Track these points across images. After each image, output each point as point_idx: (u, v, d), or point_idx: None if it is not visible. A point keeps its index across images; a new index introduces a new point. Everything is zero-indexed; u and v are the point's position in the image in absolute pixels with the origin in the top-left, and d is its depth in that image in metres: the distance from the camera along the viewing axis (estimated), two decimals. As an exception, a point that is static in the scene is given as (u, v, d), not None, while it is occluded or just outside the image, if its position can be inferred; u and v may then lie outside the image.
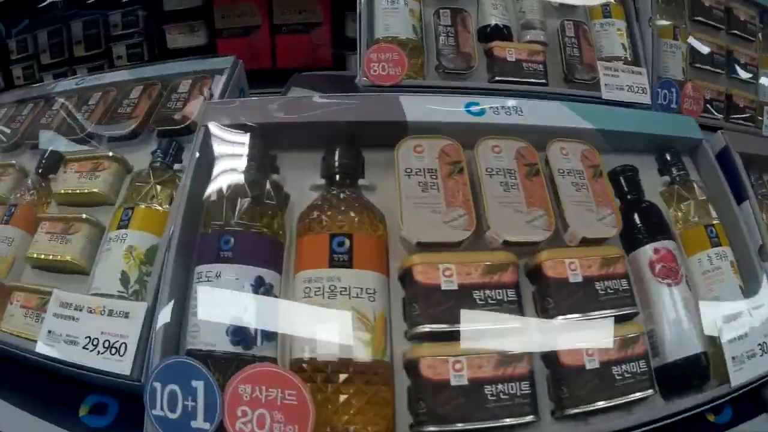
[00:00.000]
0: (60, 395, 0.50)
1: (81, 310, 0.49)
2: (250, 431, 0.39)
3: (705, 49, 0.88)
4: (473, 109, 0.55)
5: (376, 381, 0.43)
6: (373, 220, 0.50)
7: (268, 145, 0.54)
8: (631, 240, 0.55)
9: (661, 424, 0.46)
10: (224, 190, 0.50)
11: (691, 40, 0.87)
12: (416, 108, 0.54)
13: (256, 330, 0.44)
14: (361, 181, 0.53)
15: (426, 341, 0.45)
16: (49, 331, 0.48)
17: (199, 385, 0.40)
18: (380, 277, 0.47)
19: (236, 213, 0.48)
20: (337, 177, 0.52)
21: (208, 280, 0.45)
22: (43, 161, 0.62)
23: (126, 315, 0.47)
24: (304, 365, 0.43)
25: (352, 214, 0.49)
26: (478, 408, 0.42)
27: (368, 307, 0.45)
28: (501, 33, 0.74)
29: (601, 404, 0.45)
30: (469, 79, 0.70)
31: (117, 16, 0.83)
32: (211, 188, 0.50)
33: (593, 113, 0.59)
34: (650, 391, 0.47)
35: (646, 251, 0.53)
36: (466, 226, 0.49)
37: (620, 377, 0.46)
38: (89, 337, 0.48)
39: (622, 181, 0.58)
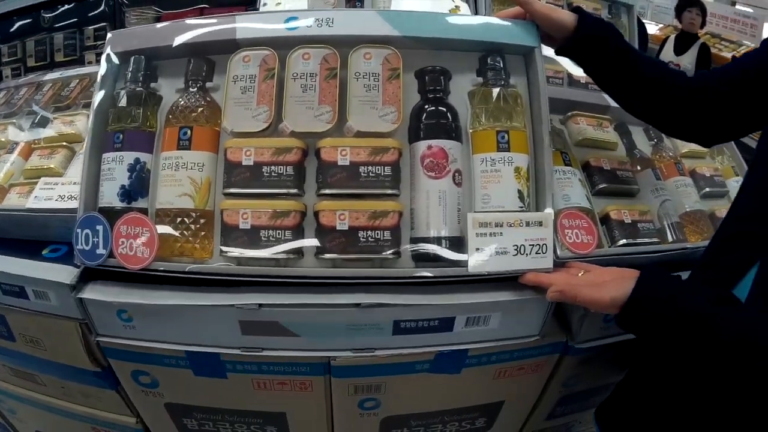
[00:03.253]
0: (32, 245, 0.80)
1: (57, 184, 0.81)
2: (125, 253, 0.68)
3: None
4: (290, 24, 0.70)
5: (200, 221, 0.69)
6: (211, 116, 0.72)
7: (152, 57, 0.76)
8: (415, 133, 0.70)
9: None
10: (117, 101, 0.74)
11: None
12: (247, 26, 0.71)
13: (134, 191, 0.71)
14: (208, 84, 0.74)
15: (232, 199, 0.69)
16: (36, 197, 0.81)
17: (100, 228, 0.69)
18: (210, 155, 0.71)
19: (122, 117, 0.73)
20: (190, 83, 0.73)
21: (107, 162, 0.72)
22: (38, 119, 0.97)
23: (76, 183, 0.77)
24: (160, 212, 0.70)
25: (195, 112, 0.71)
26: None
27: (197, 175, 0.69)
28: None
29: (345, 256, 0.66)
30: None
31: (90, 31, 1.14)
32: (111, 100, 0.75)
33: (408, 21, 0.70)
34: (391, 256, 0.66)
35: (421, 146, 0.68)
36: (266, 119, 0.69)
37: (364, 240, 0.66)
38: (61, 195, 0.80)
39: (426, 79, 0.71)
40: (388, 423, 0.82)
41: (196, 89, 0.73)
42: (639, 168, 0.85)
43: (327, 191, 0.68)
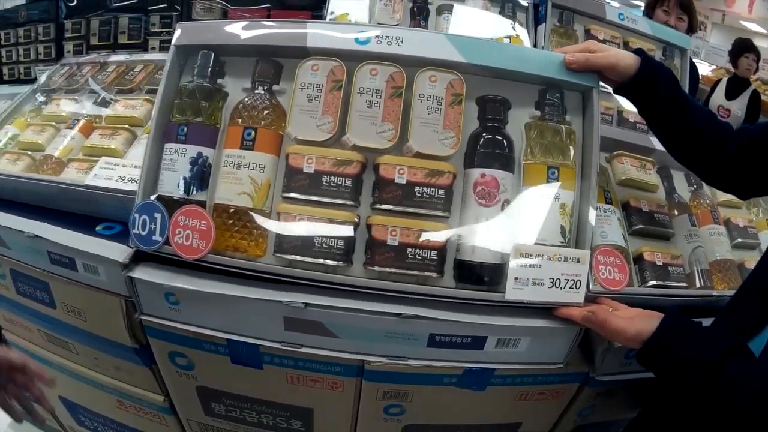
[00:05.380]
0: (84, 220, 0.87)
1: (118, 165, 0.86)
2: (182, 243, 0.73)
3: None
4: (360, 37, 0.74)
5: (256, 221, 0.74)
6: (276, 119, 0.76)
7: (220, 54, 0.80)
8: (471, 159, 0.74)
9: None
10: (182, 93, 0.78)
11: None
12: (318, 36, 0.75)
13: (194, 183, 0.76)
14: (275, 87, 0.78)
15: (291, 203, 0.73)
16: (96, 175, 0.86)
17: (158, 215, 0.74)
18: (272, 157, 0.75)
19: (187, 110, 0.77)
20: (257, 84, 0.77)
21: (169, 152, 0.77)
22: (100, 98, 1.03)
23: (136, 166, 0.82)
24: (218, 207, 0.75)
25: (260, 113, 0.76)
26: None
27: (258, 176, 0.74)
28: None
29: (393, 270, 0.70)
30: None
31: (156, 17, 1.16)
32: (175, 91, 0.79)
33: (475, 48, 0.74)
34: (434, 274, 0.71)
35: (475, 173, 0.73)
36: (330, 130, 0.73)
37: (412, 257, 0.70)
38: (121, 176, 0.85)
39: (486, 107, 0.75)
40: (409, 431, 0.87)
41: (263, 91, 0.77)
42: (676, 212, 0.89)
43: (382, 206, 0.72)
